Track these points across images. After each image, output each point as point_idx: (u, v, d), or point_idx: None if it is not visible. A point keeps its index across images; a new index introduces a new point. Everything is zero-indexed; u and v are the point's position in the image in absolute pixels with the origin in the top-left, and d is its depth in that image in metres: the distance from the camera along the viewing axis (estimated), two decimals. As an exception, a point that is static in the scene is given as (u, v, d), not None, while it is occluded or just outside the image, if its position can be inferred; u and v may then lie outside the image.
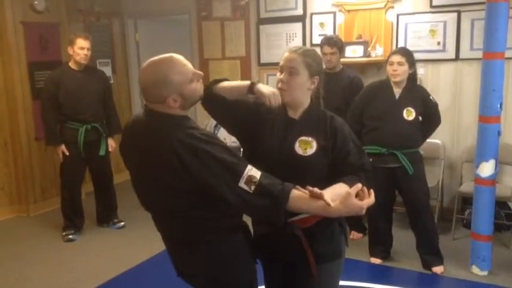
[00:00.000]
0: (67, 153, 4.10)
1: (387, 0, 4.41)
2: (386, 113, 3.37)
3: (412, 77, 3.43)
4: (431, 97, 3.43)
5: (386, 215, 3.59)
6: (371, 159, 3.37)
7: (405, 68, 3.32)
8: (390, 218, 3.62)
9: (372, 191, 1.71)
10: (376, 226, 3.61)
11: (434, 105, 3.42)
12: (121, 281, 3.47)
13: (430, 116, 3.42)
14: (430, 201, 3.53)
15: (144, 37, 6.05)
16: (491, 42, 3.15)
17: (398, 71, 3.32)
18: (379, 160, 3.37)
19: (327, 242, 1.93)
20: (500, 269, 3.44)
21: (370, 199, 1.69)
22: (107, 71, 5.44)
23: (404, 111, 3.33)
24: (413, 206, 3.46)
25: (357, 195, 1.66)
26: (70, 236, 4.20)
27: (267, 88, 1.93)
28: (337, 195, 1.65)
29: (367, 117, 3.48)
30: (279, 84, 1.95)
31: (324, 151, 1.88)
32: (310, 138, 1.89)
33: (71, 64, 4.11)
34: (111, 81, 5.48)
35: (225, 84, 1.99)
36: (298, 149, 1.88)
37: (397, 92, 3.41)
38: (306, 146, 1.88)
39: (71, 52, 4.06)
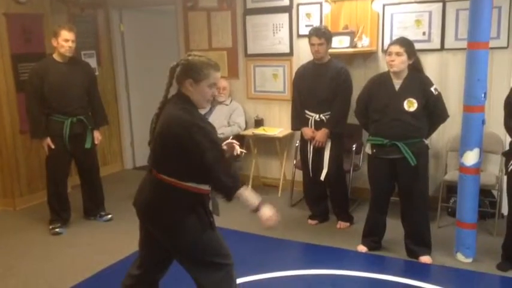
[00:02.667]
0: (52, 147, 4.06)
1: (373, -9, 4.43)
2: (387, 105, 3.37)
3: (414, 67, 3.39)
4: (433, 88, 3.35)
5: (385, 206, 3.62)
6: (374, 150, 3.44)
7: (403, 58, 3.30)
8: (386, 208, 3.64)
9: None
10: (374, 217, 3.63)
11: (435, 96, 3.34)
12: (109, 273, 3.47)
13: (430, 108, 3.35)
14: (428, 194, 3.54)
15: (129, 28, 5.99)
16: (475, 32, 3.17)
17: (395, 61, 3.30)
18: (382, 151, 3.39)
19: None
20: (485, 256, 3.50)
21: None
22: (92, 62, 5.38)
23: (405, 102, 3.30)
24: (405, 197, 3.47)
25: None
26: (57, 230, 4.18)
27: (268, 212, 2.27)
28: None
29: (371, 111, 3.51)
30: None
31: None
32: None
33: (55, 56, 4.06)
34: (96, 73, 5.43)
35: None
36: None
37: (397, 83, 3.39)
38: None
39: (55, 44, 4.01)
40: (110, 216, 4.45)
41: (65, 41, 3.95)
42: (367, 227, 3.70)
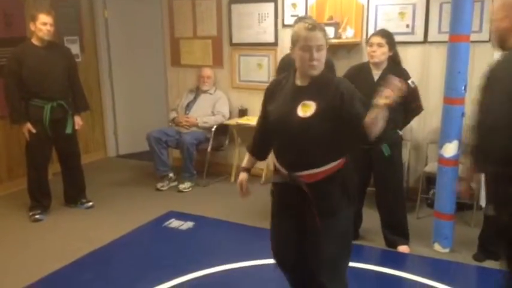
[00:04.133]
0: (34, 131, 4.01)
1: (358, -18, 4.43)
2: (364, 95, 3.37)
3: (393, 59, 3.42)
4: (410, 81, 3.37)
5: (362, 196, 3.65)
6: None
7: (384, 49, 3.33)
8: (363, 199, 3.68)
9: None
10: None
11: (412, 89, 3.34)
12: (88, 260, 3.46)
13: (407, 100, 3.25)
14: (403, 184, 3.58)
15: (113, 14, 5.92)
16: (457, 24, 3.21)
17: (377, 52, 3.33)
18: None
19: (326, 199, 2.17)
20: (462, 247, 3.56)
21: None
22: (75, 48, 5.31)
23: None
24: (381, 187, 3.52)
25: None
26: (37, 216, 4.14)
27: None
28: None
29: None
30: (314, 62, 2.13)
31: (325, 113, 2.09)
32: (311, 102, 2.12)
33: (34, 40, 4.01)
34: (79, 59, 5.36)
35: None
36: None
37: (376, 74, 3.41)
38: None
39: (33, 28, 3.96)
40: (91, 203, 4.42)
41: (43, 24, 3.91)
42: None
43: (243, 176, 2.55)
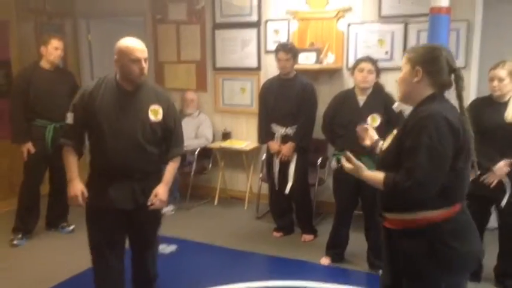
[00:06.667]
0: (32, 151, 4.05)
1: (338, 10, 4.56)
2: (350, 121, 3.43)
3: (377, 85, 3.53)
4: (394, 106, 3.45)
5: (349, 220, 3.69)
6: (339, 165, 3.49)
7: (374, 75, 3.46)
8: (349, 222, 3.71)
9: None
10: (338, 230, 3.71)
11: (397, 115, 3.34)
12: (67, 286, 3.39)
13: (393, 123, 3.31)
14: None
15: (96, 38, 5.95)
16: (434, 52, 3.32)
17: (368, 78, 3.44)
18: None
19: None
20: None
21: None
22: (58, 71, 5.31)
23: (369, 118, 3.39)
24: (369, 211, 3.53)
25: None
26: (15, 242, 4.10)
27: None
28: None
29: (336, 126, 3.62)
30: None
31: None
32: None
33: (43, 63, 4.12)
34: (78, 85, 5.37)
35: None
36: None
37: (362, 99, 3.50)
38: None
39: (43, 52, 4.09)
40: (72, 227, 4.37)
41: (54, 49, 4.08)
42: (330, 239, 3.77)
43: None
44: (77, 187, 2.59)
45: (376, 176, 1.93)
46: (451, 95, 1.99)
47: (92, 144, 2.64)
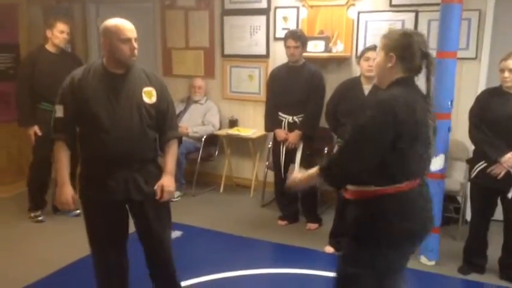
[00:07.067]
0: (39, 134, 4.09)
1: (349, -2, 4.52)
2: (354, 109, 3.43)
3: None
4: None
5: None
6: None
7: None
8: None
9: None
10: (340, 218, 3.69)
11: None
12: (71, 270, 3.43)
13: None
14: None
15: (106, 23, 5.93)
16: (444, 41, 3.28)
17: (374, 67, 3.40)
18: None
19: None
20: (447, 260, 3.60)
21: None
22: (67, 56, 5.32)
23: None
24: None
25: None
26: (40, 218, 4.22)
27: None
28: None
29: (339, 114, 3.61)
30: None
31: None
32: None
33: (48, 46, 4.14)
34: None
35: None
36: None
37: (367, 88, 3.48)
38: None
39: (49, 35, 4.11)
40: (78, 211, 4.39)
41: (60, 32, 4.10)
42: (334, 228, 3.78)
43: None
44: (68, 192, 2.41)
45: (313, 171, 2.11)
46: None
47: (85, 136, 2.43)
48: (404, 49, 1.95)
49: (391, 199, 1.94)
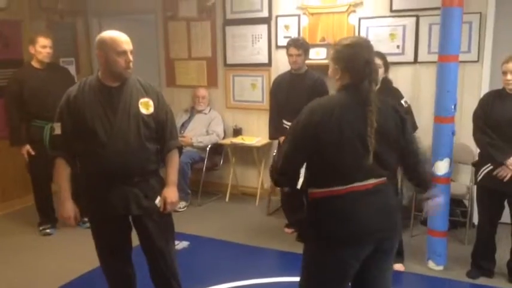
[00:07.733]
0: (32, 153, 4.08)
1: (349, 4, 4.54)
2: None
3: (385, 80, 3.50)
4: (403, 101, 3.46)
5: None
6: None
7: (381, 70, 3.41)
8: None
9: None
10: None
11: (405, 109, 3.40)
12: (83, 281, 3.44)
13: None
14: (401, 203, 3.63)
15: (109, 36, 5.97)
16: (445, 45, 3.28)
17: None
18: None
19: None
20: (455, 264, 3.58)
21: None
22: (71, 69, 5.34)
23: None
24: None
25: None
26: (48, 230, 4.24)
27: None
28: None
29: None
30: None
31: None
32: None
33: (34, 63, 4.10)
34: (76, 81, 5.41)
35: None
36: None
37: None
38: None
39: (32, 51, 4.06)
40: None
41: (42, 47, 4.02)
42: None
43: None
44: (69, 208, 2.44)
45: None
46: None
47: (84, 152, 2.40)
48: (347, 61, 2.00)
49: (325, 202, 2.01)
